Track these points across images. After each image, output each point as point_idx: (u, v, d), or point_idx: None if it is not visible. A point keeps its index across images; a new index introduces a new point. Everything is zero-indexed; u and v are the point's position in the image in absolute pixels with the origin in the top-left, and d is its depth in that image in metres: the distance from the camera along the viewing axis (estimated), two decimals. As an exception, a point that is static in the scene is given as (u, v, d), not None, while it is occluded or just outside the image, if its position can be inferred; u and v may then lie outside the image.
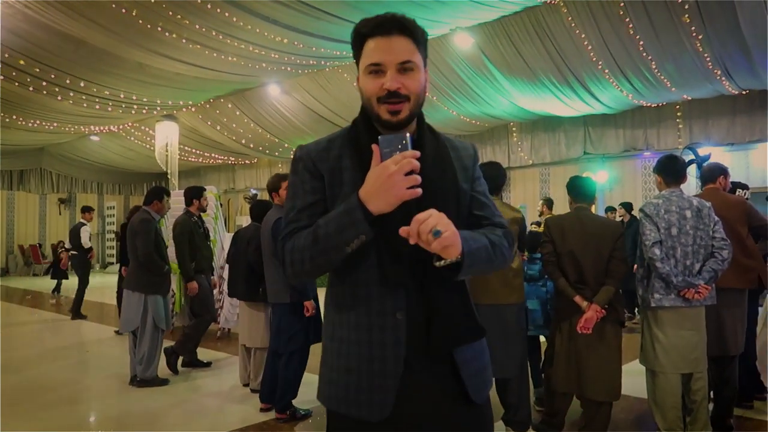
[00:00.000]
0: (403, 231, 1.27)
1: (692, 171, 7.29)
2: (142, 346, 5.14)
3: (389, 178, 1.24)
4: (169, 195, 5.55)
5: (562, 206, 4.00)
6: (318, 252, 1.35)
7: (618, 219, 8.77)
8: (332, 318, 1.49)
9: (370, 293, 1.40)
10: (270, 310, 5.05)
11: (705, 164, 4.43)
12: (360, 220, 1.28)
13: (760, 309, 4.69)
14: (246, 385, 5.09)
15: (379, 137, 1.30)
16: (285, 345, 4.22)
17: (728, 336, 3.83)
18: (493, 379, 3.74)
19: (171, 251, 5.83)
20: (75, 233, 9.81)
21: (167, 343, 5.64)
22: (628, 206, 8.78)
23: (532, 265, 4.46)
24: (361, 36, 1.41)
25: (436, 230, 1.23)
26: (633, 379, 4.20)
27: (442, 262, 1.33)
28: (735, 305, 3.90)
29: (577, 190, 3.74)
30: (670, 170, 3.65)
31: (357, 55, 1.44)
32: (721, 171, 4.30)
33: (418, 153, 1.26)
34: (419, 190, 1.26)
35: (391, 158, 1.25)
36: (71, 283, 10.01)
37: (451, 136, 1.60)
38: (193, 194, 5.82)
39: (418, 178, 1.25)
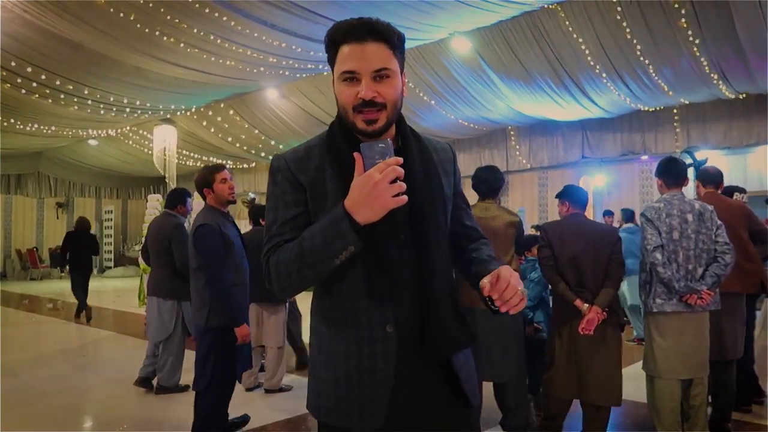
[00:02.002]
0: (485, 287, 1.32)
1: (690, 174, 7.27)
2: (167, 353, 5.00)
3: (375, 187, 1.22)
4: (191, 196, 5.38)
5: (557, 211, 4.01)
6: (305, 265, 1.32)
7: (615, 224, 8.74)
8: (320, 330, 1.46)
9: (358, 305, 1.38)
10: (282, 313, 5.10)
11: (702, 167, 4.44)
12: (347, 231, 1.26)
13: (757, 313, 4.70)
14: (249, 389, 5.09)
15: (361, 145, 1.27)
16: (196, 379, 3.45)
17: (728, 340, 3.82)
18: (491, 382, 3.78)
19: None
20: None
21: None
22: (628, 214, 8.35)
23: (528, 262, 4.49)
24: (334, 42, 1.38)
25: (523, 290, 1.31)
26: (632, 383, 4.20)
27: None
28: (735, 310, 3.90)
29: (573, 197, 3.75)
30: (671, 173, 3.63)
31: (331, 60, 1.40)
32: (721, 176, 4.32)
33: (401, 160, 1.25)
34: (405, 198, 1.24)
35: (375, 167, 1.23)
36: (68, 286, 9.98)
37: (430, 137, 1.58)
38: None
39: (403, 186, 1.23)
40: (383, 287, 1.35)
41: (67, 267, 9.85)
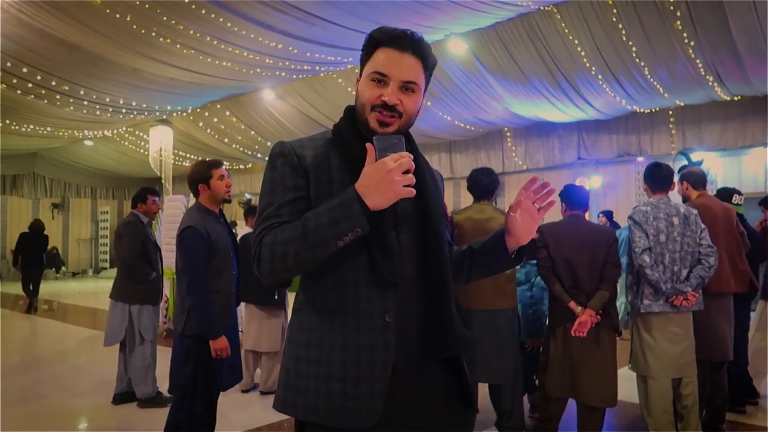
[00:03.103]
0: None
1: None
2: (134, 363, 4.69)
3: (388, 173, 1.25)
4: (155, 194, 5.04)
5: (555, 213, 4.00)
6: (306, 245, 1.29)
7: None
8: (309, 323, 1.40)
9: (359, 294, 1.36)
10: (282, 317, 5.10)
11: (687, 169, 4.45)
12: (357, 214, 1.27)
13: (752, 314, 4.73)
14: (245, 391, 5.09)
15: (375, 136, 1.32)
16: (170, 387, 3.27)
17: (724, 341, 3.85)
18: (487, 384, 3.78)
19: (170, 256, 5.68)
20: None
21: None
22: (608, 214, 8.90)
23: (520, 268, 4.48)
24: (374, 41, 1.41)
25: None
26: (626, 384, 4.21)
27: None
28: (729, 310, 3.94)
29: (572, 198, 3.75)
30: (656, 178, 3.72)
31: (365, 58, 1.43)
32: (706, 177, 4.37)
33: (412, 156, 1.30)
34: (413, 190, 1.27)
35: (390, 156, 1.28)
36: (66, 287, 9.95)
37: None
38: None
39: (413, 178, 1.27)
40: (390, 276, 1.35)
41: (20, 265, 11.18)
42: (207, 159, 3.45)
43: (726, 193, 4.77)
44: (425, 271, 1.42)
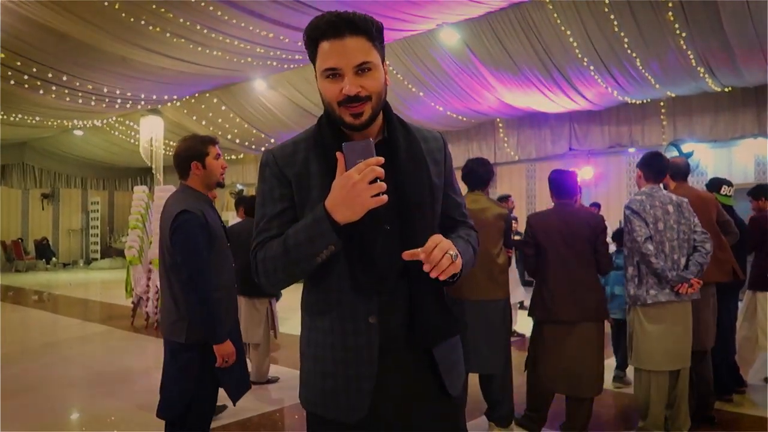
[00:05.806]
0: (411, 254, 1.29)
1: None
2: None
3: (353, 187, 1.24)
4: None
5: (546, 202, 4.02)
6: (289, 262, 1.36)
7: None
8: (307, 323, 1.51)
9: (342, 299, 1.41)
10: (267, 307, 5.06)
11: (672, 159, 4.42)
12: (327, 231, 1.29)
13: (740, 303, 4.77)
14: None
15: (343, 144, 1.29)
16: (162, 408, 2.74)
17: (704, 330, 3.88)
18: (477, 374, 3.80)
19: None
20: None
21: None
22: (598, 206, 8.92)
23: (618, 254, 4.42)
24: (312, 39, 1.38)
25: (455, 254, 1.30)
26: (612, 374, 4.26)
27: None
28: (709, 299, 3.95)
29: (558, 187, 3.74)
30: (655, 167, 3.69)
31: (312, 57, 1.40)
32: (688, 168, 4.35)
33: (381, 159, 1.26)
34: (385, 198, 1.26)
35: (355, 167, 1.25)
36: (57, 278, 9.90)
37: (420, 127, 1.58)
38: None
39: (383, 186, 1.25)
40: (367, 282, 1.38)
41: None
42: (198, 134, 2.87)
43: (715, 184, 4.79)
44: (408, 263, 1.42)
